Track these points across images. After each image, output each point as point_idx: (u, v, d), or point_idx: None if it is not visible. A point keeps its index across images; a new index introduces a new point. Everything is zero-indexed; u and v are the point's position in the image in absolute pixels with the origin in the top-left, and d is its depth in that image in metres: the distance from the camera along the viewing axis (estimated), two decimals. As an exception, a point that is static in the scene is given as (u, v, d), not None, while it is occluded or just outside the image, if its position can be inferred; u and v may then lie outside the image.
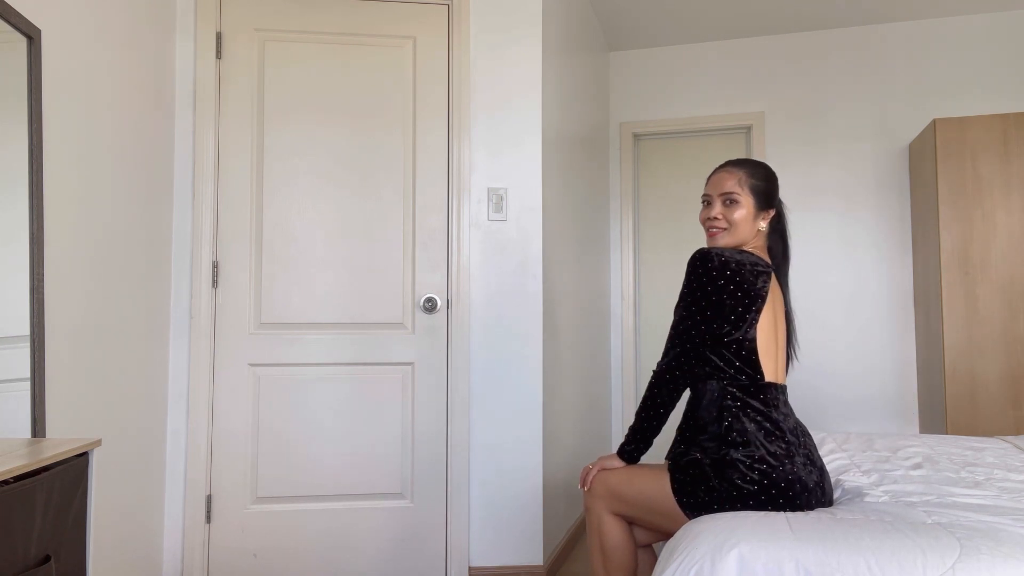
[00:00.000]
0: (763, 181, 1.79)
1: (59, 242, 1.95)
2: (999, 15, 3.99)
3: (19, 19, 1.76)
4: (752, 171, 1.79)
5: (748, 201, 1.76)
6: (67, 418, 1.98)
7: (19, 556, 1.20)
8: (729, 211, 1.76)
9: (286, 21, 2.71)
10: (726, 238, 1.77)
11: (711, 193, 1.79)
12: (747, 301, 1.66)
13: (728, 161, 1.83)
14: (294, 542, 2.62)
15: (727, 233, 1.77)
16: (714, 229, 1.78)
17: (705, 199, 1.82)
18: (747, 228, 1.76)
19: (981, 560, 1.27)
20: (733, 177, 1.78)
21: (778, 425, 1.67)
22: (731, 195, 1.76)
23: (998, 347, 3.42)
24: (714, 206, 1.78)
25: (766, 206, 1.79)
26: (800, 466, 1.64)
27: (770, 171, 1.81)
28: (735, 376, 1.69)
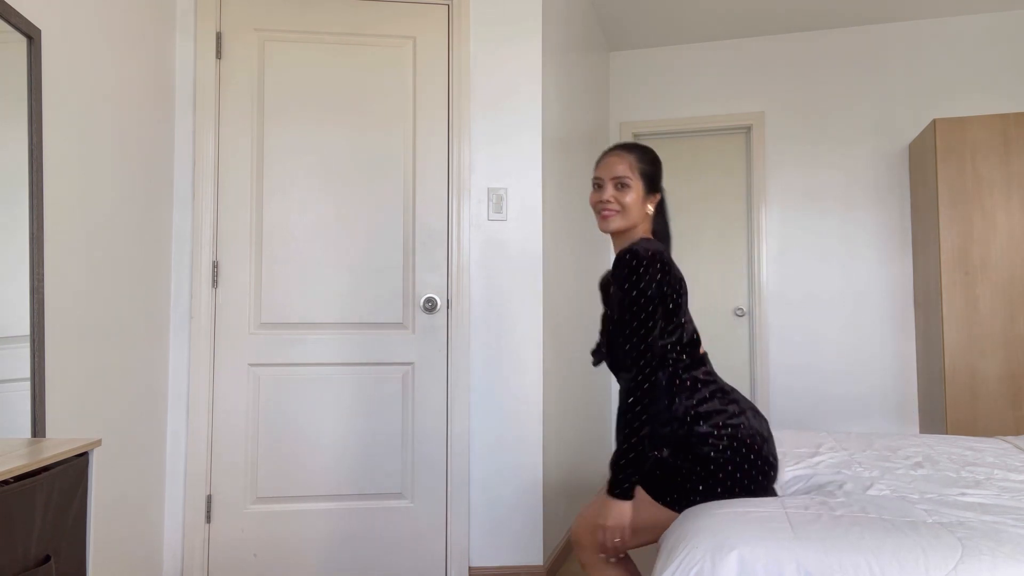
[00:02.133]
0: (650, 165, 1.84)
1: (59, 242, 1.95)
2: (999, 15, 3.99)
3: (19, 19, 1.76)
4: (641, 155, 1.83)
5: (638, 185, 1.80)
6: (67, 418, 1.98)
7: (19, 556, 1.20)
8: (621, 194, 1.79)
9: (286, 21, 2.70)
10: (618, 221, 1.79)
11: (603, 176, 1.80)
12: (678, 287, 1.73)
13: (617, 145, 1.86)
14: (294, 542, 2.62)
15: (620, 216, 1.79)
16: (607, 211, 1.79)
17: (596, 182, 1.82)
18: (638, 211, 1.80)
19: (983, 561, 1.27)
20: (624, 161, 1.80)
21: (722, 387, 1.75)
22: (623, 179, 1.79)
23: (998, 347, 3.42)
24: (606, 189, 1.79)
25: (653, 190, 1.83)
26: (752, 418, 1.72)
27: (656, 156, 1.87)
28: (678, 359, 1.74)
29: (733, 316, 4.35)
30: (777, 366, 4.18)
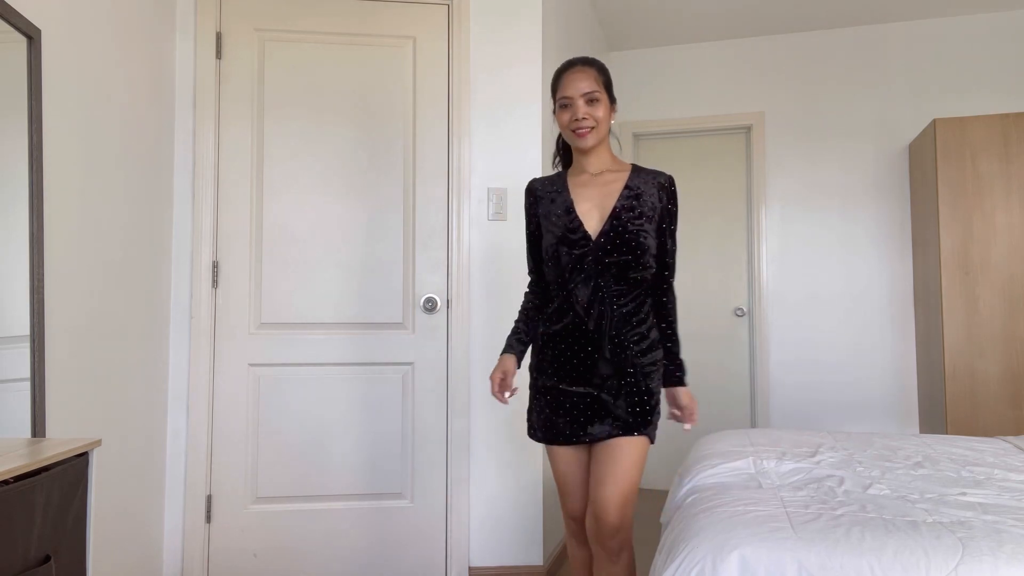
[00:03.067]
0: (608, 76, 1.86)
1: (59, 242, 1.94)
2: (999, 15, 3.99)
3: (19, 19, 1.76)
4: (600, 67, 1.83)
5: (605, 98, 1.79)
6: (67, 418, 1.98)
7: (19, 556, 1.20)
8: (593, 110, 1.76)
9: (286, 21, 2.70)
10: (594, 137, 1.77)
11: (571, 95, 1.76)
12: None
13: (574, 60, 1.83)
14: (294, 542, 2.62)
15: (595, 132, 1.77)
16: (583, 129, 1.75)
17: (564, 101, 1.78)
18: (607, 125, 1.80)
19: (983, 562, 1.27)
20: (589, 76, 1.78)
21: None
22: (592, 93, 1.76)
23: (998, 347, 3.42)
24: (577, 107, 1.76)
25: (613, 101, 1.84)
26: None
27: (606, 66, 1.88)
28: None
29: (733, 316, 4.35)
30: (777, 366, 4.18)
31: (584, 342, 1.76)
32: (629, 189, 1.79)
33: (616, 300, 1.74)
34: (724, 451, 2.27)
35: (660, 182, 1.82)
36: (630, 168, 1.86)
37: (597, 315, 1.74)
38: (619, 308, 1.75)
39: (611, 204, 1.77)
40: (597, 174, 1.83)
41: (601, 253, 1.74)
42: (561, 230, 1.77)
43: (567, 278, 1.77)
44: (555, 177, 1.90)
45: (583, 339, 1.76)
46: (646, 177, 1.82)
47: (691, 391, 1.87)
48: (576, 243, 1.75)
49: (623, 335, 1.75)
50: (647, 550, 3.04)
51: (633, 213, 1.75)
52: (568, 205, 1.80)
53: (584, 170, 1.84)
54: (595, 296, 1.74)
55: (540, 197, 1.87)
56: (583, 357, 1.76)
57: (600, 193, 1.80)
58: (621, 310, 1.75)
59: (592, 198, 1.79)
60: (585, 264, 1.74)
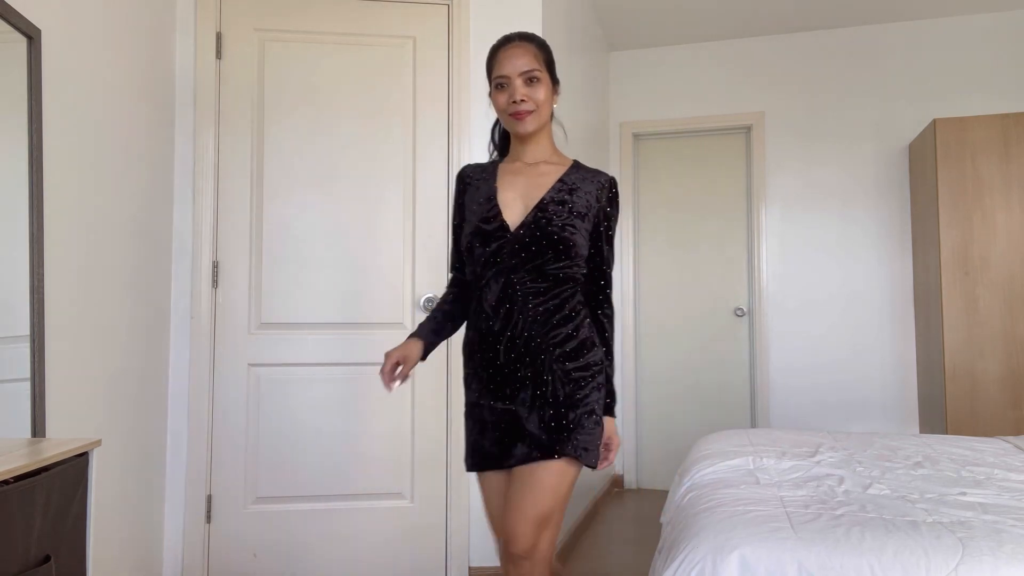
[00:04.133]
0: (550, 54, 1.65)
1: (59, 242, 1.94)
2: (999, 15, 3.99)
3: (19, 19, 1.76)
4: (541, 44, 1.63)
5: (546, 78, 1.60)
6: (67, 418, 1.98)
7: (19, 556, 1.20)
8: (533, 90, 1.57)
9: (286, 21, 2.70)
10: (534, 122, 1.58)
11: (508, 74, 1.56)
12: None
13: (512, 36, 1.63)
14: (294, 542, 2.62)
15: (535, 116, 1.58)
16: (522, 112, 1.56)
17: (500, 81, 1.58)
18: (548, 108, 1.61)
19: (984, 562, 1.27)
20: (529, 53, 1.58)
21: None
22: (531, 72, 1.56)
23: (998, 347, 3.42)
24: (515, 87, 1.56)
25: (555, 82, 1.65)
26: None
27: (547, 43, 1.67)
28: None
29: (733, 316, 4.35)
30: (777, 366, 4.18)
31: (496, 348, 1.55)
32: (563, 183, 1.60)
33: (532, 298, 1.53)
34: (724, 451, 2.27)
35: (601, 181, 1.63)
36: (571, 163, 1.67)
37: (505, 315, 1.54)
38: (535, 307, 1.53)
39: (539, 195, 1.57)
40: (533, 164, 1.63)
41: (518, 246, 1.53)
42: (477, 219, 1.58)
43: (479, 274, 1.57)
44: (489, 165, 1.71)
45: (494, 345, 1.55)
46: (586, 174, 1.64)
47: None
48: (491, 235, 1.55)
49: (540, 336, 1.53)
50: (647, 550, 3.04)
51: (563, 207, 1.56)
52: (491, 193, 1.60)
53: (519, 158, 1.65)
54: (505, 294, 1.54)
55: (469, 184, 1.68)
56: (499, 366, 1.55)
57: (530, 184, 1.60)
58: (538, 308, 1.53)
59: (519, 187, 1.60)
60: (499, 258, 1.54)
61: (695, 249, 4.43)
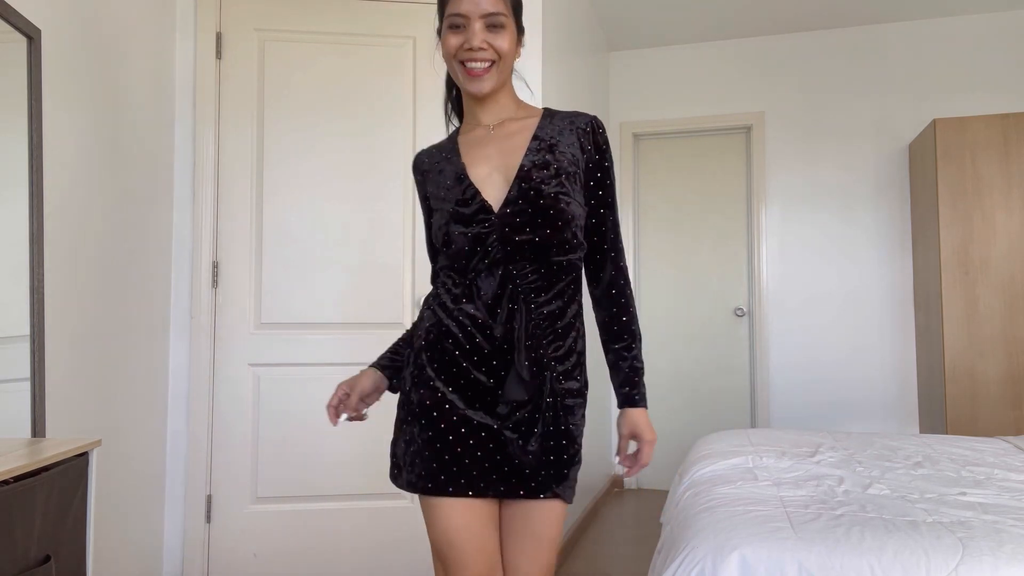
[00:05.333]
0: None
1: (59, 242, 1.94)
2: (999, 15, 3.99)
3: (19, 19, 1.76)
4: None
5: (511, 25, 1.32)
6: (67, 418, 1.98)
7: (19, 556, 1.20)
8: (495, 37, 1.29)
9: (286, 21, 2.70)
10: (493, 79, 1.31)
11: (466, 13, 1.28)
12: None
13: None
14: (294, 542, 2.62)
15: (495, 72, 1.30)
16: (478, 65, 1.28)
17: (455, 21, 1.30)
18: (511, 62, 1.34)
19: (983, 562, 1.27)
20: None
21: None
22: (495, 17, 1.29)
23: (998, 347, 3.42)
24: (473, 31, 1.28)
25: (522, 31, 1.38)
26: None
27: None
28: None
29: (733, 316, 4.35)
30: (777, 366, 4.18)
31: (487, 351, 1.25)
32: (539, 140, 1.32)
33: (534, 296, 1.26)
34: (723, 451, 2.27)
35: (580, 126, 1.34)
36: (541, 113, 1.39)
37: (506, 317, 1.25)
38: (538, 307, 1.27)
39: (516, 162, 1.29)
40: (497, 125, 1.36)
41: (508, 229, 1.25)
42: (452, 204, 1.29)
43: (465, 266, 1.28)
44: (444, 143, 1.43)
45: (486, 350, 1.25)
46: (560, 123, 1.35)
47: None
48: (471, 218, 1.27)
49: (542, 346, 1.26)
50: (647, 550, 3.04)
51: (548, 171, 1.27)
52: (459, 172, 1.32)
53: (478, 122, 1.38)
54: (503, 290, 1.26)
55: (427, 171, 1.41)
56: (484, 372, 1.26)
57: (501, 150, 1.33)
58: (541, 311, 1.27)
59: (490, 158, 1.32)
60: (488, 246, 1.26)
61: (695, 249, 4.43)
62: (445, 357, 1.28)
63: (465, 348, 1.27)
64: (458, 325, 1.28)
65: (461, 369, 1.26)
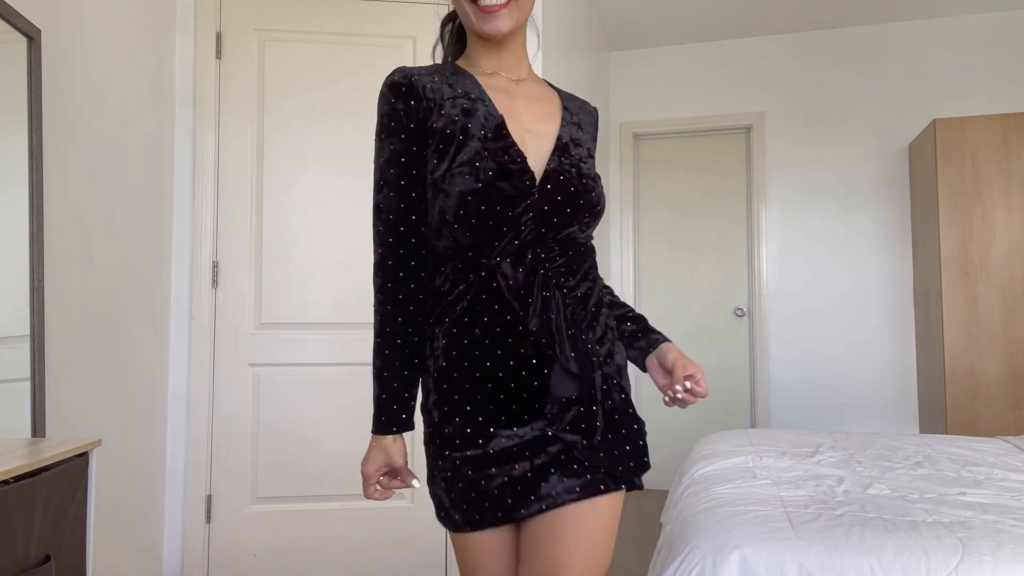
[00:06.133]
0: None
1: (59, 242, 1.94)
2: (999, 15, 3.99)
3: (19, 19, 1.76)
4: None
5: None
6: (67, 418, 1.98)
7: (19, 556, 1.20)
8: None
9: (286, 21, 2.70)
10: (513, 15, 1.12)
11: None
12: None
13: None
14: (294, 542, 2.62)
15: (515, 5, 1.11)
16: (496, 4, 1.09)
17: None
18: (529, 7, 1.15)
19: (984, 562, 1.27)
20: None
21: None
22: None
23: (998, 347, 3.42)
24: None
25: None
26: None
27: None
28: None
29: (733, 316, 4.35)
30: (777, 366, 4.18)
31: (524, 350, 1.07)
32: (569, 113, 1.20)
33: (564, 280, 1.11)
34: (723, 451, 2.27)
35: (591, 113, 1.28)
36: (551, 86, 1.28)
37: (542, 306, 1.07)
38: (571, 291, 1.11)
39: (551, 130, 1.14)
40: (521, 80, 1.19)
41: (547, 208, 1.08)
42: (492, 164, 1.06)
43: (481, 245, 1.08)
44: (449, 70, 1.18)
45: (521, 346, 1.07)
46: (578, 104, 1.26)
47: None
48: (513, 195, 1.06)
49: (583, 332, 1.11)
50: (647, 550, 3.04)
51: (582, 150, 1.16)
52: (497, 121, 1.10)
53: (493, 70, 1.18)
54: (534, 276, 1.08)
55: (434, 101, 1.12)
56: (525, 376, 1.07)
57: (531, 111, 1.15)
58: (574, 294, 1.12)
59: (520, 117, 1.13)
60: (522, 224, 1.07)
61: (695, 249, 4.43)
62: (476, 374, 1.08)
63: (497, 355, 1.07)
64: (482, 331, 1.08)
65: (498, 382, 1.07)
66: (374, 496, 1.18)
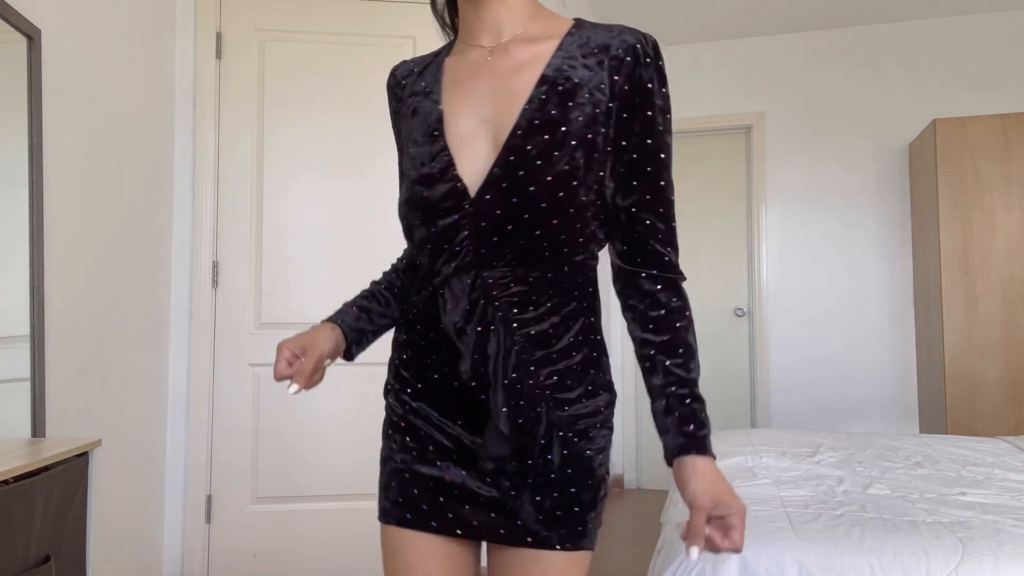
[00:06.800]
0: None
1: (59, 242, 1.94)
2: (999, 15, 3.99)
3: (19, 19, 1.76)
4: None
5: None
6: (67, 418, 1.98)
7: (19, 556, 1.20)
8: None
9: (286, 21, 2.70)
10: None
11: None
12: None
13: None
14: (294, 542, 2.62)
15: None
16: None
17: None
18: None
19: (984, 562, 1.27)
20: None
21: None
22: None
23: (998, 347, 3.42)
24: None
25: None
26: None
27: None
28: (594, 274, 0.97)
29: (733, 316, 4.35)
30: (777, 366, 4.18)
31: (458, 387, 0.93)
32: (550, 80, 0.90)
33: (516, 312, 0.90)
34: (723, 450, 2.27)
35: (615, 54, 0.90)
36: (567, 25, 0.96)
37: (476, 345, 0.89)
38: (523, 327, 0.90)
39: (510, 119, 0.89)
40: (500, 46, 0.95)
41: (485, 225, 0.88)
42: (415, 175, 0.92)
43: (427, 269, 0.95)
44: (430, 59, 1.06)
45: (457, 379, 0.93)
46: (592, 37, 0.92)
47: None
48: (436, 205, 0.90)
49: (532, 378, 0.90)
50: (647, 550, 3.04)
51: (552, 137, 0.87)
52: (431, 121, 0.94)
53: (475, 39, 0.97)
54: (475, 305, 0.90)
55: (401, 100, 1.04)
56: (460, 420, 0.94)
57: (496, 91, 0.92)
58: (528, 332, 0.90)
59: (480, 104, 0.92)
60: (456, 245, 0.90)
61: (695, 249, 4.43)
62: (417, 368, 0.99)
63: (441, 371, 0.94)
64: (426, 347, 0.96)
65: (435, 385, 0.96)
66: (278, 367, 0.98)
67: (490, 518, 0.92)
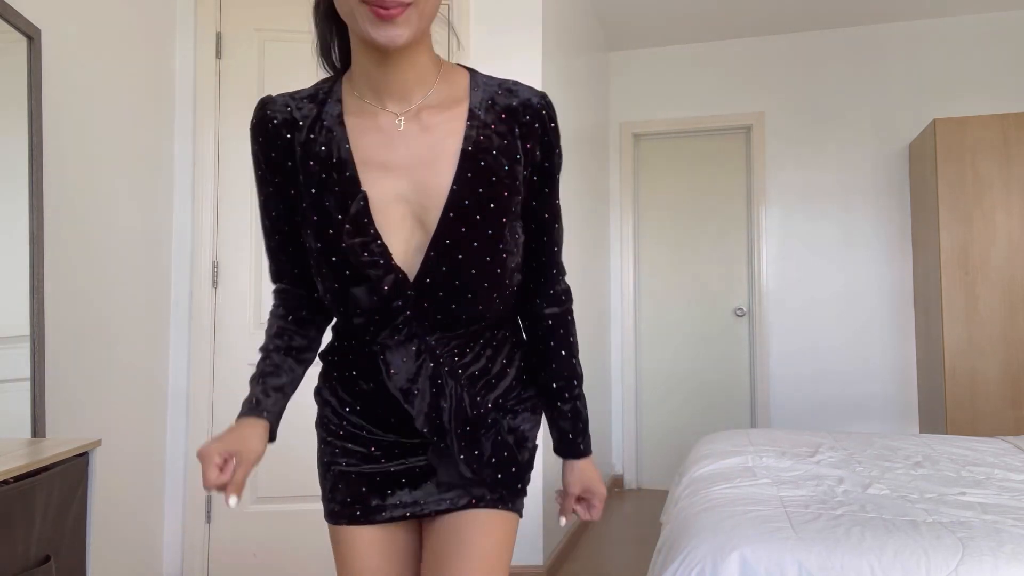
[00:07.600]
0: None
1: (59, 242, 1.94)
2: (999, 15, 3.99)
3: (19, 19, 1.76)
4: None
5: None
6: (67, 418, 1.98)
7: (19, 556, 1.20)
8: None
9: (286, 21, 2.70)
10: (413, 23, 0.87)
11: None
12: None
13: None
14: (294, 542, 2.62)
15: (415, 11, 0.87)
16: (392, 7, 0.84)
17: None
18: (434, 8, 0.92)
19: (984, 562, 1.27)
20: None
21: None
22: None
23: (998, 347, 3.42)
24: None
25: None
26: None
27: None
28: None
29: (733, 316, 4.35)
30: (777, 366, 4.18)
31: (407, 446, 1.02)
32: (472, 150, 0.92)
33: (457, 358, 0.98)
34: (723, 451, 2.27)
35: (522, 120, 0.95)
36: (466, 81, 0.98)
37: (430, 402, 0.96)
38: (465, 370, 0.98)
39: (438, 200, 0.90)
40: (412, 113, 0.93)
41: (427, 305, 0.94)
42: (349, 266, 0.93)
43: (364, 330, 0.97)
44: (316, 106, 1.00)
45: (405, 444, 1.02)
46: (500, 106, 0.95)
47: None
48: (375, 285, 0.92)
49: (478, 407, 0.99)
50: (647, 550, 3.04)
51: (483, 213, 0.91)
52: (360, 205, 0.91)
53: (380, 101, 0.94)
54: (422, 367, 0.95)
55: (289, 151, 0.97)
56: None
57: (415, 159, 0.91)
58: (472, 372, 0.99)
59: (398, 173, 0.91)
60: (400, 323, 0.94)
61: (695, 249, 4.42)
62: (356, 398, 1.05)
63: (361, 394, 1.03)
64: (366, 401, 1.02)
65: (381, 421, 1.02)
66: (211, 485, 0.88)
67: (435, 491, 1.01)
